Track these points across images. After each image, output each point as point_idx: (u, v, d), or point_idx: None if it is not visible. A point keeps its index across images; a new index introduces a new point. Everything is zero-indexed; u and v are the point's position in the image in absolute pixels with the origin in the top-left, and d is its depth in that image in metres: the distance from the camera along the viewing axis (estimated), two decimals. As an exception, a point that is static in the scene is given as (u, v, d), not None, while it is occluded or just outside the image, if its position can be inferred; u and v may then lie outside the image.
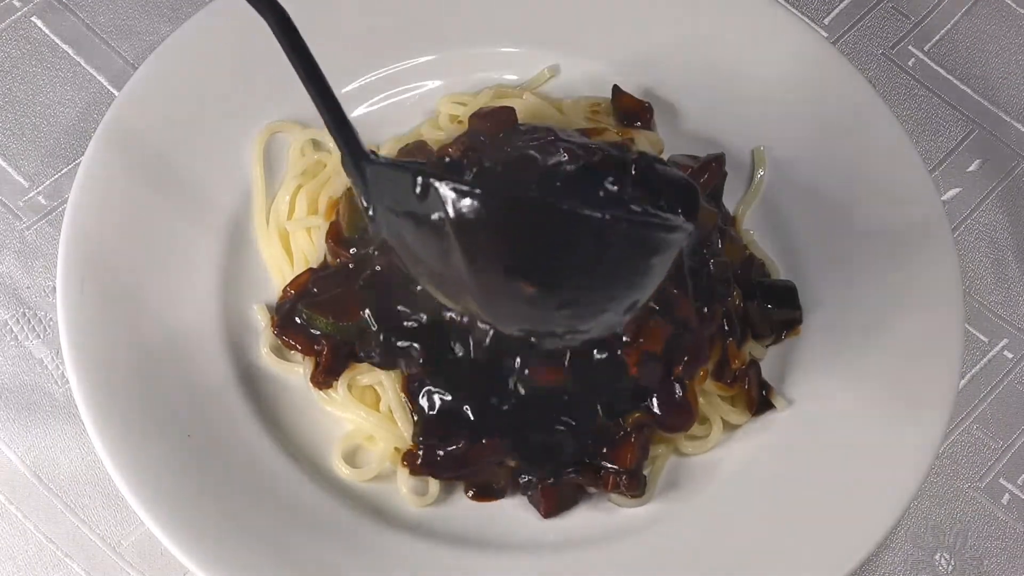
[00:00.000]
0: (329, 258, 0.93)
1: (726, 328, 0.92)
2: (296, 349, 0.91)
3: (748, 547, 0.86)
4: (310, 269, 0.93)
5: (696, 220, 0.87)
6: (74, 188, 0.91)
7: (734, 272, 0.94)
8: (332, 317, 0.90)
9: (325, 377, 0.90)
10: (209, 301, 0.92)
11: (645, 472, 0.89)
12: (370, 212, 0.80)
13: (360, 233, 0.91)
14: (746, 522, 0.87)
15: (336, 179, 0.95)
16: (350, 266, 0.91)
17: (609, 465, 0.88)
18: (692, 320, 0.88)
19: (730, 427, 0.92)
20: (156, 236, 0.92)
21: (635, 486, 0.88)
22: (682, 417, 0.89)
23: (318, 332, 0.90)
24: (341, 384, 0.90)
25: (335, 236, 0.92)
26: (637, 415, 0.88)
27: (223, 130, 0.96)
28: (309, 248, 0.94)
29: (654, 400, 0.88)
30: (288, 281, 0.93)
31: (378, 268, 0.89)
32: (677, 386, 0.89)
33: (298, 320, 0.91)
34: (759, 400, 0.92)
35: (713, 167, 0.96)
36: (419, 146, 0.96)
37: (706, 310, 0.90)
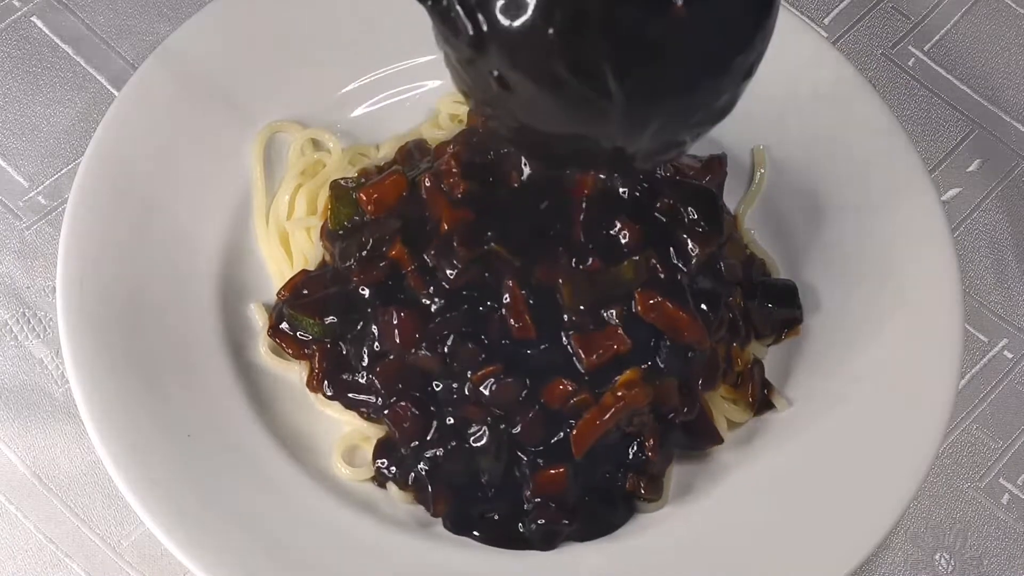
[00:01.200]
0: (327, 257, 0.93)
1: (732, 326, 0.92)
2: (288, 352, 0.91)
3: (748, 547, 0.86)
4: (303, 271, 0.93)
5: (721, 221, 0.90)
6: (74, 188, 0.91)
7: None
8: (318, 317, 0.90)
9: (321, 382, 0.90)
10: (209, 301, 0.91)
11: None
12: (484, 30, 0.69)
13: (346, 228, 0.91)
14: (746, 522, 0.87)
15: (336, 179, 0.95)
16: (339, 260, 0.91)
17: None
18: (704, 342, 0.88)
19: (732, 426, 0.92)
20: (155, 236, 0.92)
21: (653, 489, 0.88)
22: (709, 436, 0.90)
23: (308, 337, 0.90)
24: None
25: (327, 234, 0.92)
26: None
27: (223, 130, 0.96)
28: (308, 248, 0.94)
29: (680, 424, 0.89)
30: (285, 282, 0.93)
31: (364, 290, 0.89)
32: (698, 405, 0.89)
33: (286, 323, 0.91)
34: (760, 400, 0.92)
35: (716, 166, 0.96)
36: (419, 145, 0.96)
37: (711, 316, 0.89)
